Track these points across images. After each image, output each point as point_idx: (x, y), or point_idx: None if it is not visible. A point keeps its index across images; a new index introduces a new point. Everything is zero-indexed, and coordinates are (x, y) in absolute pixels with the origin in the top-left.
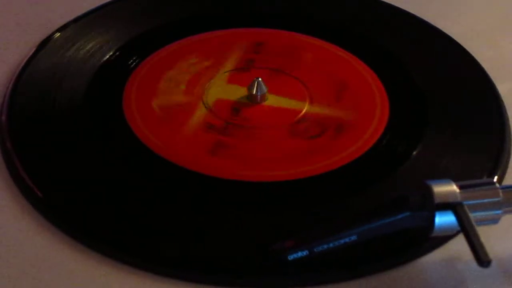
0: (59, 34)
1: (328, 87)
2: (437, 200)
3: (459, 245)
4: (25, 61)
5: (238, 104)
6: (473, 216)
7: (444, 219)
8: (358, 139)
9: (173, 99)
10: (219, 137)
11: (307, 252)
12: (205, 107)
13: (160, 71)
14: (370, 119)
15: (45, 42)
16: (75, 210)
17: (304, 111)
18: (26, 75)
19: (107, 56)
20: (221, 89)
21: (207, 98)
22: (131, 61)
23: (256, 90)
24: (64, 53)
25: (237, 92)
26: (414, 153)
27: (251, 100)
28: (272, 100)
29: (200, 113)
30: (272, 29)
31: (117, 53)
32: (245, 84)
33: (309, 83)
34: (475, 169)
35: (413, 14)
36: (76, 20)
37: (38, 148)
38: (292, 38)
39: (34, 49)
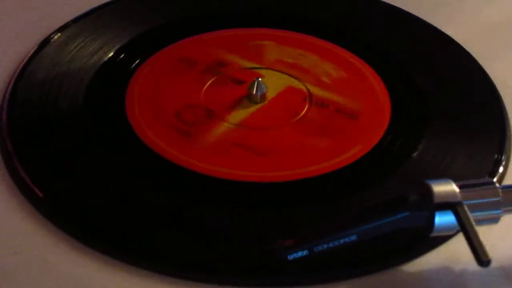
0: (59, 34)
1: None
2: (437, 199)
3: (459, 245)
4: (25, 61)
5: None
6: (472, 215)
7: (443, 219)
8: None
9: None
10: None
11: (307, 252)
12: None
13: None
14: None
15: (45, 42)
16: (75, 210)
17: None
18: (26, 75)
19: (108, 56)
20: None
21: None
22: (132, 61)
23: (256, 90)
24: (64, 53)
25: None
26: (415, 153)
27: (251, 100)
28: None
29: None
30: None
31: (118, 53)
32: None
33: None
34: (475, 169)
35: (413, 14)
36: (76, 20)
37: (38, 148)
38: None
39: (34, 49)
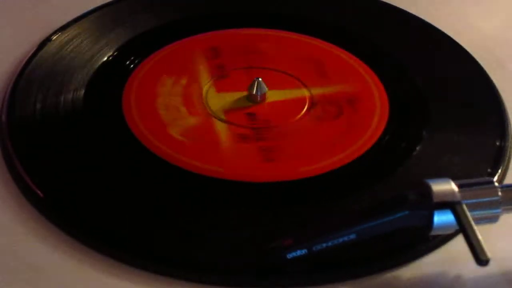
0: (59, 34)
1: (312, 70)
2: (436, 199)
3: (458, 245)
4: (25, 61)
5: (245, 108)
6: (472, 215)
7: (442, 218)
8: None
9: (187, 124)
10: (259, 144)
11: (306, 251)
12: (221, 121)
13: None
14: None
15: (45, 42)
16: (75, 210)
17: (308, 96)
18: (26, 75)
19: (107, 56)
20: (218, 101)
21: (214, 112)
22: (131, 61)
23: (256, 90)
24: (64, 53)
25: (233, 98)
26: (414, 153)
27: (251, 100)
28: (272, 96)
29: (222, 128)
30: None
31: (117, 53)
32: (236, 89)
33: (291, 71)
34: (475, 169)
35: (413, 14)
36: (76, 20)
37: (38, 148)
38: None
39: (34, 49)
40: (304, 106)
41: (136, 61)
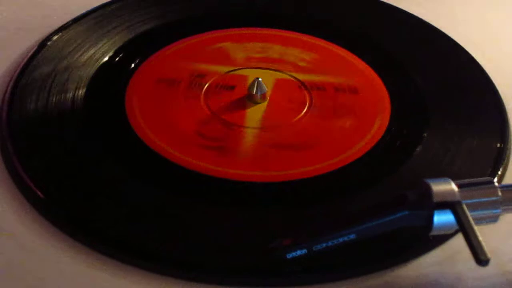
0: (59, 34)
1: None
2: (436, 199)
3: (458, 245)
4: (25, 61)
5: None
6: (472, 215)
7: (442, 218)
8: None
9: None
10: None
11: (306, 251)
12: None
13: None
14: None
15: (45, 42)
16: (75, 210)
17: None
18: (26, 75)
19: (108, 56)
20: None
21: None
22: (132, 61)
23: (256, 90)
24: (64, 53)
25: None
26: (415, 152)
27: (251, 100)
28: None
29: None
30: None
31: (118, 53)
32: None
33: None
34: (475, 169)
35: (413, 14)
36: (76, 20)
37: (38, 148)
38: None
39: (34, 49)
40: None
41: (137, 61)
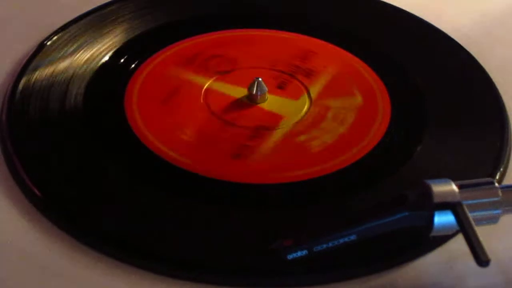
0: (59, 34)
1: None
2: (436, 199)
3: (458, 245)
4: (25, 61)
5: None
6: (472, 215)
7: (443, 219)
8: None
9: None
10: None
11: (306, 252)
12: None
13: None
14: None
15: (45, 42)
16: (75, 210)
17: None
18: (26, 75)
19: (108, 57)
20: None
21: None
22: (132, 61)
23: (256, 90)
24: (64, 54)
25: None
26: (415, 153)
27: (250, 100)
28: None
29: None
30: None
31: (117, 54)
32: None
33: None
34: (476, 169)
35: (413, 14)
36: (76, 20)
37: (38, 148)
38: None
39: (34, 49)
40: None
41: (137, 61)
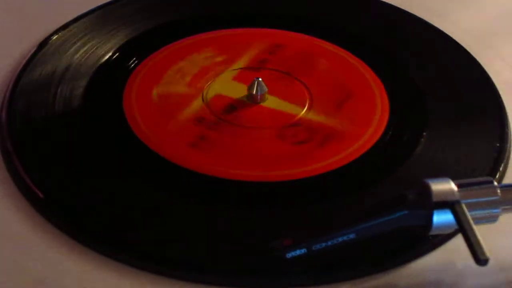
0: (59, 34)
1: (332, 94)
2: (435, 198)
3: (458, 245)
4: (25, 61)
5: (236, 102)
6: (471, 214)
7: (442, 218)
8: (359, 139)
9: (174, 89)
10: (206, 131)
11: (306, 251)
12: (203, 100)
13: (161, 70)
14: (370, 119)
15: (45, 42)
16: (75, 210)
17: (299, 116)
18: (26, 75)
19: (107, 56)
20: (225, 86)
21: (207, 92)
22: (131, 61)
23: (256, 90)
24: (64, 53)
25: (240, 90)
26: (415, 152)
27: (250, 100)
28: (271, 102)
29: (195, 106)
30: (290, 31)
31: (117, 53)
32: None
33: (313, 89)
34: (475, 168)
35: (413, 14)
36: (76, 20)
37: (38, 148)
38: (309, 42)
39: (34, 49)
40: (284, 123)
41: (136, 61)
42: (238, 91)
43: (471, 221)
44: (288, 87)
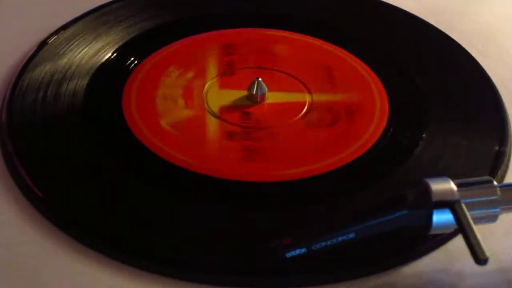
0: (59, 34)
1: (319, 75)
2: (435, 198)
3: (458, 245)
4: (25, 61)
5: (243, 107)
6: (470, 214)
7: (441, 217)
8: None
9: (180, 116)
10: (245, 142)
11: (305, 250)
12: (214, 116)
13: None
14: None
15: (45, 42)
16: (75, 210)
17: (308, 101)
18: (26, 75)
19: (107, 57)
20: (218, 96)
21: (210, 108)
22: (131, 61)
23: (256, 90)
24: (64, 53)
25: (234, 96)
26: (415, 152)
27: (253, 101)
28: (273, 97)
29: (212, 124)
30: (241, 28)
31: (117, 54)
32: (238, 87)
33: (298, 75)
34: (475, 169)
35: (413, 14)
36: (76, 20)
37: (38, 148)
38: (258, 34)
39: (34, 49)
40: (301, 110)
41: (136, 62)
42: (234, 97)
43: (471, 221)
44: (275, 79)
